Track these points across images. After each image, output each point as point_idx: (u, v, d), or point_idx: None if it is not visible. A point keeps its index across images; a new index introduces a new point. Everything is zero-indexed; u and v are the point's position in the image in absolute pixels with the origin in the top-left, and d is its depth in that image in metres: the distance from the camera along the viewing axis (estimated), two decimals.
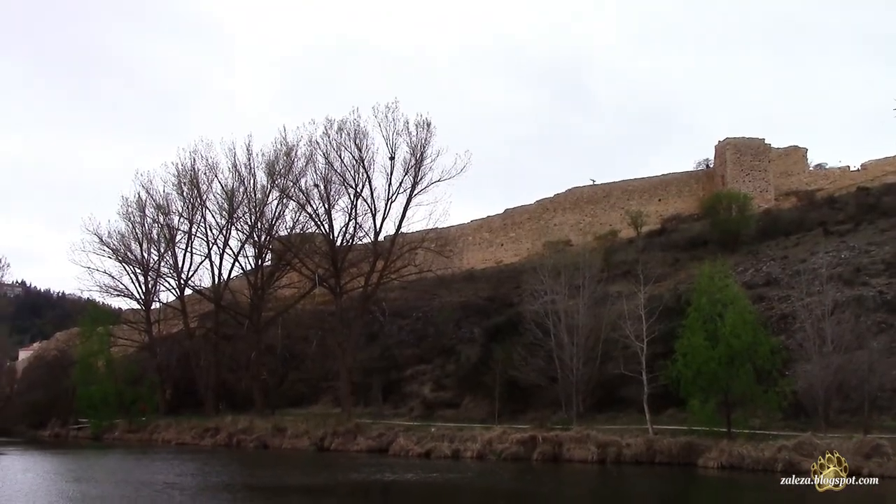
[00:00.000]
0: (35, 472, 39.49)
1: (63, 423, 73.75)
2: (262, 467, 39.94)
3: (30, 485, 33.61)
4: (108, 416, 68.47)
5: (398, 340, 65.10)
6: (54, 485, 34.13)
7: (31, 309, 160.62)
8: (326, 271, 64.46)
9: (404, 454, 44.40)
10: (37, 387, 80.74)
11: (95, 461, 46.76)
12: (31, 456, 50.05)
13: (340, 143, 59.06)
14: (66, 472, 40.57)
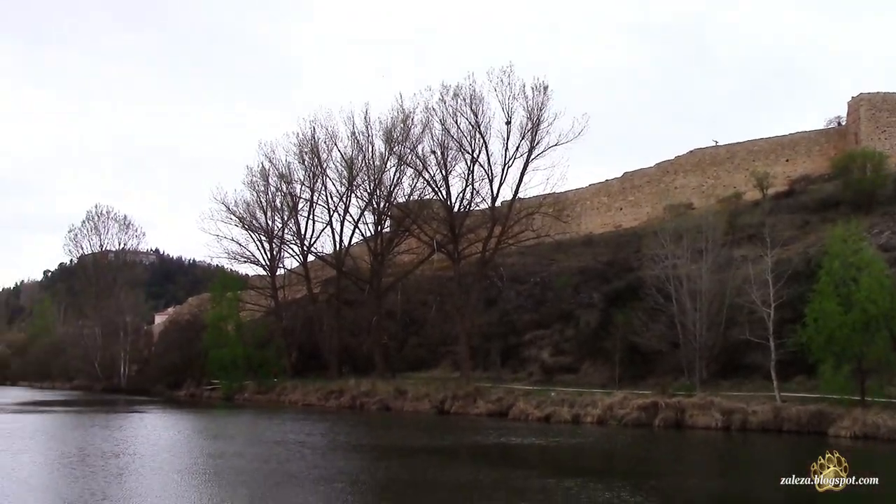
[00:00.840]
0: (176, 430, 41.42)
1: (197, 384, 76.90)
2: (386, 428, 40.71)
3: (172, 441, 35.36)
4: (238, 377, 71.05)
5: (516, 305, 64.97)
6: (194, 442, 35.77)
7: (164, 275, 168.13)
8: (444, 237, 64.75)
9: (524, 418, 44.42)
10: (172, 349, 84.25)
11: (229, 420, 48.66)
12: (170, 415, 52.43)
13: (456, 109, 58.98)
14: (203, 430, 42.42)
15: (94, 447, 31.26)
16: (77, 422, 45.70)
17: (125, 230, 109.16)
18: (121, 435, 36.95)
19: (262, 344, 74.42)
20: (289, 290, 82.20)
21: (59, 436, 37.49)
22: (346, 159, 70.19)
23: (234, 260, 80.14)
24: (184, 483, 22.41)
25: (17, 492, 20.75)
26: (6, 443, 32.74)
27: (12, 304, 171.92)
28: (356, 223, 72.69)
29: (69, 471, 24.40)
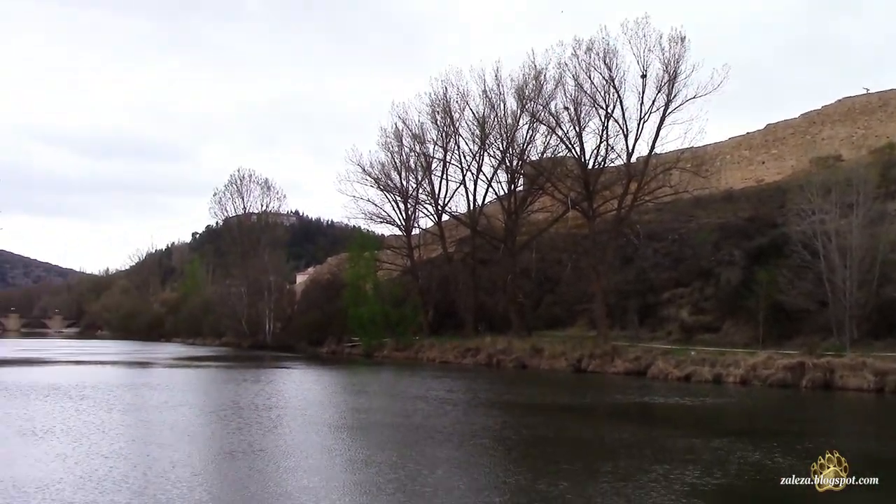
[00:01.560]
0: (321, 385, 42.96)
1: (338, 341, 79.23)
2: (524, 386, 40.95)
3: (319, 396, 36.71)
4: (377, 335, 72.81)
5: (653, 263, 63.67)
6: (339, 396, 37.00)
7: (304, 236, 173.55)
8: (579, 194, 64.03)
9: (663, 377, 43.82)
10: (313, 308, 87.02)
11: (370, 376, 50.00)
12: (313, 370, 54.29)
13: (590, 64, 57.84)
14: (346, 385, 43.82)
15: (246, 401, 32.73)
16: (228, 376, 47.95)
17: (267, 192, 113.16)
18: (270, 389, 38.57)
19: (399, 302, 75.89)
20: (424, 250, 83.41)
21: (214, 390, 39.46)
22: (478, 118, 70.31)
23: (370, 220, 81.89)
24: (333, 437, 23.23)
25: (177, 443, 21.93)
26: (165, 396, 34.72)
27: (165, 265, 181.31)
28: (489, 182, 72.99)
29: (226, 423, 25.65)
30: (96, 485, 15.85)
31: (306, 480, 16.53)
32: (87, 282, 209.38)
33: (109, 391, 36.64)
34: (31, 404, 30.31)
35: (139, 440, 21.99)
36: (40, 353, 79.15)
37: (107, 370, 55.20)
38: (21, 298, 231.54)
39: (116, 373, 53.25)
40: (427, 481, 16.45)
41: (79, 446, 20.58)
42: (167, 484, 15.99)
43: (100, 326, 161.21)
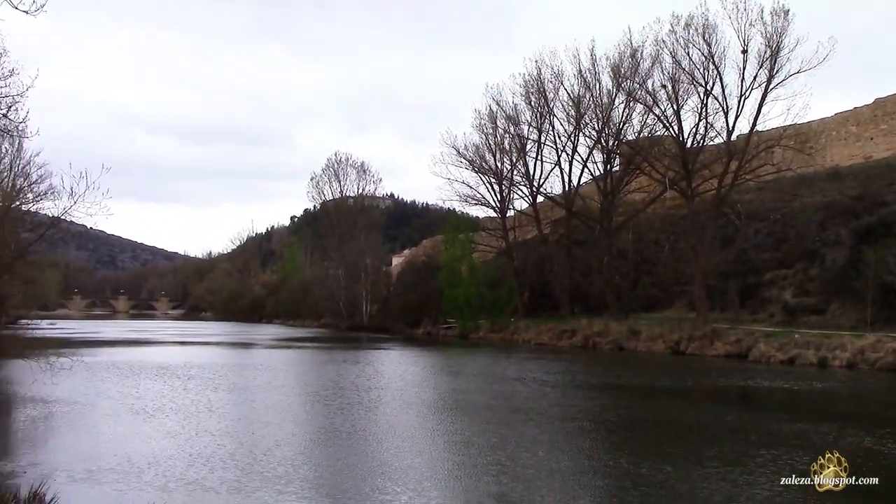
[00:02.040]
0: (418, 366, 43.34)
1: (433, 323, 79.82)
2: (622, 368, 40.47)
3: (417, 377, 37.05)
4: (472, 316, 73.06)
5: (755, 244, 61.98)
6: (437, 378, 37.20)
7: (400, 218, 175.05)
8: (677, 174, 62.71)
9: (765, 361, 42.68)
10: (409, 289, 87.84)
11: (467, 358, 50.19)
12: (410, 351, 54.87)
13: (688, 40, 56.43)
14: (443, 366, 44.04)
15: (346, 381, 33.27)
16: (328, 357, 48.82)
17: (363, 176, 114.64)
18: (369, 370, 39.13)
19: (494, 284, 75.93)
20: (519, 231, 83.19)
21: (314, 371, 40.22)
22: (573, 98, 69.54)
23: (465, 202, 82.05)
24: (433, 418, 23.43)
25: (281, 422, 22.44)
26: (268, 376, 35.61)
27: (265, 248, 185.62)
28: (585, 162, 72.21)
29: (327, 403, 26.09)
30: (205, 462, 16.36)
31: (409, 460, 16.72)
32: (191, 265, 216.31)
33: (215, 371, 37.79)
34: (142, 383, 31.50)
35: (244, 419, 22.61)
36: (148, 333, 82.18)
37: (211, 351, 56.97)
38: (129, 281, 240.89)
39: (220, 353, 54.90)
40: (528, 463, 16.44)
41: (187, 424, 21.29)
42: (273, 462, 16.39)
43: (203, 308, 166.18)
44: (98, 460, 16.35)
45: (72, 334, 71.04)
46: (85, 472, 15.24)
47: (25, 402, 25.88)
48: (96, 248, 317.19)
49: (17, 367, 33.83)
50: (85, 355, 39.82)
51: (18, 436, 20.80)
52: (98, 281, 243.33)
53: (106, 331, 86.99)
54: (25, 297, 53.77)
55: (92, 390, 28.99)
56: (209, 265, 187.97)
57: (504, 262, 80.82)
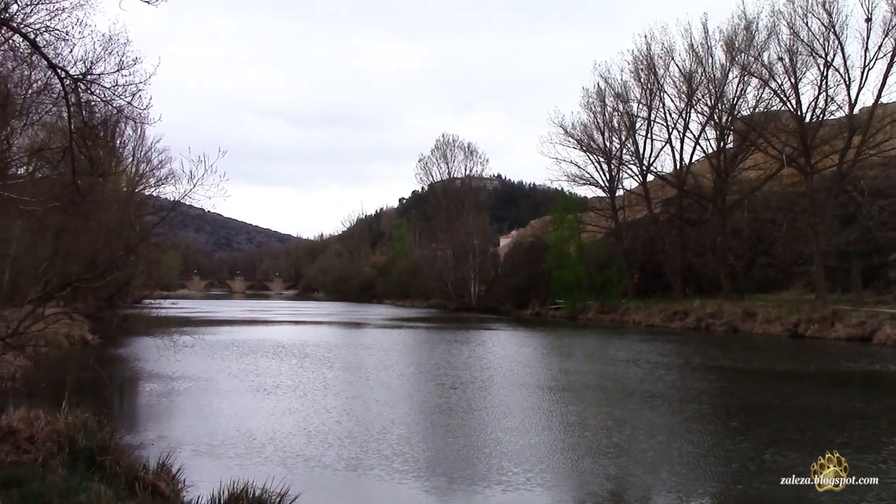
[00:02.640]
0: (528, 347, 43.06)
1: (541, 304, 79.24)
2: (739, 351, 39.24)
3: (527, 357, 36.78)
4: (581, 297, 72.22)
5: (879, 222, 59.13)
6: (548, 358, 36.89)
7: (507, 199, 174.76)
8: (794, 150, 60.31)
9: (891, 344, 40.59)
10: (517, 270, 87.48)
11: (576, 339, 49.63)
12: (519, 332, 54.61)
13: (807, 10, 54.12)
14: (553, 347, 43.66)
15: (458, 360, 33.31)
16: (438, 337, 49.03)
17: (470, 157, 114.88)
18: (480, 350, 39.07)
19: (603, 264, 74.87)
20: (629, 211, 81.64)
21: (425, 350, 40.41)
22: (685, 73, 67.56)
23: (573, 182, 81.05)
24: (546, 398, 23.13)
25: (395, 401, 22.58)
26: (380, 355, 35.95)
27: (374, 230, 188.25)
28: (697, 140, 70.24)
29: (440, 382, 26.12)
30: (323, 439, 16.53)
31: (525, 440, 16.49)
32: (303, 246, 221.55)
33: (329, 350, 38.41)
34: (260, 361, 32.24)
35: (359, 397, 22.82)
36: (264, 313, 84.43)
37: (325, 330, 58.04)
38: (245, 263, 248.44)
39: (334, 332, 55.87)
40: (647, 446, 16.00)
41: (305, 401, 21.62)
42: (389, 440, 16.44)
43: (316, 288, 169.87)
44: (219, 434, 16.74)
45: (192, 313, 73.58)
46: (207, 446, 15.61)
47: (151, 377, 26.82)
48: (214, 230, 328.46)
49: (142, 344, 35.18)
50: (205, 333, 41.10)
51: (145, 409, 21.56)
52: (216, 262, 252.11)
53: (224, 310, 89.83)
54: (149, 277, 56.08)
55: (212, 367, 29.84)
56: (321, 246, 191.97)
57: (613, 242, 79.55)
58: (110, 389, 21.58)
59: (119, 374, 27.05)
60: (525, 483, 13.14)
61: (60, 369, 26.78)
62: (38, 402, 15.93)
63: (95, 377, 19.16)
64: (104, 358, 28.14)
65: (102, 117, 16.21)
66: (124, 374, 27.58)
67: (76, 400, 14.12)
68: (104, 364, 21.68)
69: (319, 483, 13.17)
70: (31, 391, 22.06)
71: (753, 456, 15.15)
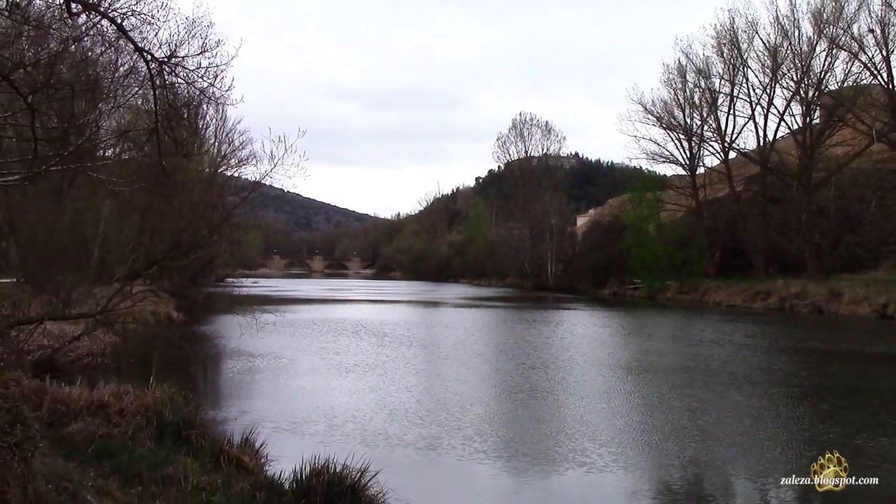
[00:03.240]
0: (608, 327, 42.48)
1: (619, 283, 78.34)
2: (825, 332, 38.08)
3: (607, 337, 36.35)
4: (660, 277, 71.11)
5: None
6: (627, 338, 36.42)
7: (584, 178, 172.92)
8: (886, 125, 58.10)
9: None
10: (595, 249, 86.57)
11: (657, 319, 48.88)
12: (597, 312, 53.91)
13: None
14: (633, 327, 42.98)
15: (537, 340, 33.12)
16: (517, 316, 48.85)
17: (547, 135, 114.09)
18: (560, 330, 38.73)
19: (683, 244, 73.56)
20: (709, 189, 79.94)
21: (504, 330, 40.29)
22: (769, 48, 65.63)
23: (652, 160, 79.68)
24: (629, 379, 22.78)
25: (474, 379, 22.57)
26: (458, 334, 35.94)
27: (451, 209, 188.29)
28: (781, 116, 68.17)
29: (520, 362, 25.92)
30: (403, 417, 16.52)
31: (606, 421, 16.22)
32: (380, 226, 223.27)
33: (408, 329, 38.58)
34: (339, 339, 32.53)
35: (439, 376, 22.78)
36: (342, 292, 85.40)
37: (403, 309, 58.41)
38: (324, 242, 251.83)
39: (411, 311, 56.17)
40: (734, 429, 15.54)
41: (385, 380, 21.69)
42: (469, 419, 16.36)
43: (393, 268, 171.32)
44: (301, 412, 16.89)
45: (272, 292, 74.90)
46: (289, 423, 15.74)
47: (234, 354, 27.27)
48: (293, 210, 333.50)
49: (225, 321, 35.89)
50: (286, 312, 41.73)
51: (228, 386, 21.93)
52: (295, 242, 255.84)
53: (303, 289, 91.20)
54: (231, 256, 57.20)
55: (293, 345, 30.21)
56: (398, 226, 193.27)
57: (693, 221, 78.05)
58: (195, 366, 22.07)
59: (203, 350, 27.59)
60: (607, 466, 12.89)
61: (147, 345, 27.49)
62: (126, 378, 16.33)
63: (181, 353, 19.52)
64: (189, 335, 28.73)
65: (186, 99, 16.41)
66: (208, 351, 28.14)
67: (163, 376, 14.38)
68: (189, 341, 22.10)
69: (400, 461, 13.14)
70: (119, 367, 22.67)
71: (845, 441, 14.58)
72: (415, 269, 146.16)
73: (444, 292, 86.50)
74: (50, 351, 20.04)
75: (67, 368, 19.85)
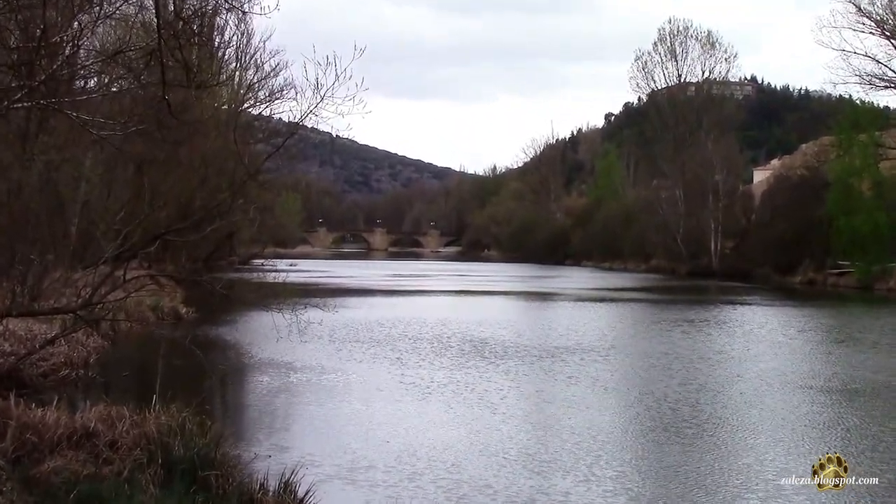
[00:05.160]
0: (810, 331, 41.91)
1: (817, 267, 76.91)
2: None
3: (811, 346, 36.03)
4: (880, 257, 69.43)
5: None
6: (828, 347, 35.78)
7: (765, 114, 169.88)
8: None
9: None
10: (780, 217, 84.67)
11: (874, 320, 47.76)
12: (785, 310, 52.81)
13: None
14: (849, 333, 41.87)
15: (707, 350, 33.11)
16: (671, 316, 48.03)
17: (710, 52, 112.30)
18: (737, 336, 38.10)
19: None
20: None
21: (655, 334, 39.84)
22: None
23: (868, 86, 77.46)
24: (830, 403, 22.48)
25: (609, 407, 22.57)
26: (586, 339, 35.79)
27: (569, 160, 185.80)
28: None
29: (681, 381, 25.69)
30: (513, 463, 16.47)
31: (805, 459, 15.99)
32: (468, 185, 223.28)
33: (513, 333, 38.33)
34: (414, 348, 32.49)
35: (564, 403, 22.48)
36: (416, 279, 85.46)
37: (502, 304, 58.45)
38: (388, 208, 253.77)
39: (516, 308, 56.27)
40: None
41: (484, 407, 21.49)
42: (617, 466, 16.38)
43: (486, 244, 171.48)
44: (360, 450, 16.97)
45: (318, 278, 75.57)
46: (344, 466, 15.79)
47: (266, 366, 27.68)
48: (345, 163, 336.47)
49: (253, 320, 36.43)
50: (337, 307, 42.10)
51: (259, 410, 22.21)
52: (348, 208, 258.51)
53: (361, 274, 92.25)
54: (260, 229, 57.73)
55: (348, 354, 30.40)
56: (492, 185, 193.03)
57: None
58: (212, 381, 22.38)
59: (223, 360, 27.94)
60: None
61: (147, 352, 28.02)
62: (120, 396, 16.68)
63: (193, 364, 19.87)
64: (204, 339, 29.25)
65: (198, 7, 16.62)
66: (230, 361, 28.55)
67: (169, 394, 14.59)
68: (204, 347, 22.43)
69: None
70: (109, 381, 23.21)
71: None
72: (518, 247, 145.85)
73: (562, 280, 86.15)
74: (14, 360, 20.56)
75: (38, 383, 20.43)
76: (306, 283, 64.08)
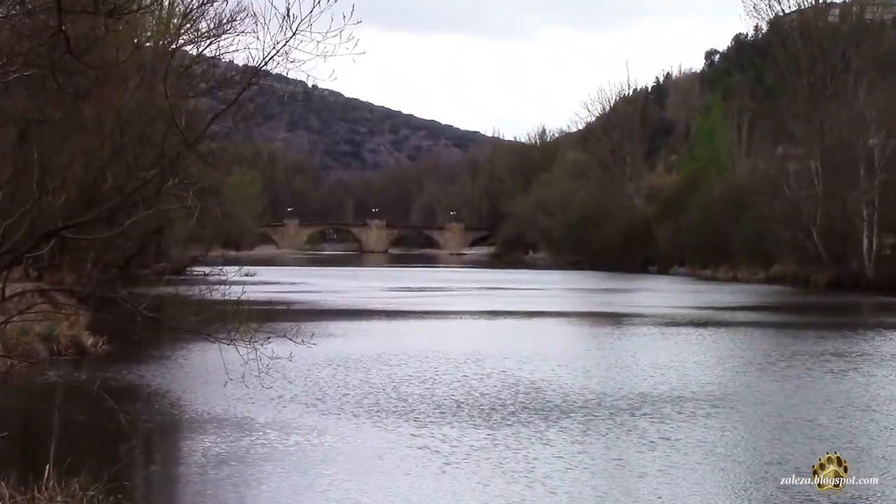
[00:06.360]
0: None
1: None
2: None
3: None
4: None
5: None
6: None
7: None
8: None
9: None
10: None
11: None
12: None
13: None
14: None
15: (859, 394, 33.16)
16: (803, 348, 47.89)
17: None
18: None
19: None
20: None
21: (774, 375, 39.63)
22: None
23: None
24: None
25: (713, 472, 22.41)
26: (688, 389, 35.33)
27: (653, 118, 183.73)
28: None
29: (812, 432, 25.52)
30: None
31: None
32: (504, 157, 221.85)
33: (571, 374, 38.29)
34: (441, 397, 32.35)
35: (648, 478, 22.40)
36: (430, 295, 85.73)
37: (553, 329, 58.83)
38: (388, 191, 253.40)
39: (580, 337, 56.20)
40: None
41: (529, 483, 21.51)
42: None
43: (531, 244, 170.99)
44: None
45: (287, 294, 75.76)
46: None
47: (208, 422, 27.56)
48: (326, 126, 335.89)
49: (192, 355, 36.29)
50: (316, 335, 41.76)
51: (198, 487, 21.99)
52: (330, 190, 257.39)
53: (351, 288, 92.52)
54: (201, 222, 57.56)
55: (331, 406, 30.35)
56: (541, 157, 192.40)
57: None
58: (132, 445, 22.21)
59: (149, 414, 27.99)
60: None
61: (37, 403, 27.89)
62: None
63: (104, 420, 19.70)
64: (120, 383, 29.23)
65: None
66: (158, 416, 28.54)
67: (68, 463, 14.44)
68: (120, 395, 22.33)
69: None
70: None
71: None
72: (577, 247, 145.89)
73: (645, 294, 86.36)
74: None
75: None
76: (270, 302, 64.15)
